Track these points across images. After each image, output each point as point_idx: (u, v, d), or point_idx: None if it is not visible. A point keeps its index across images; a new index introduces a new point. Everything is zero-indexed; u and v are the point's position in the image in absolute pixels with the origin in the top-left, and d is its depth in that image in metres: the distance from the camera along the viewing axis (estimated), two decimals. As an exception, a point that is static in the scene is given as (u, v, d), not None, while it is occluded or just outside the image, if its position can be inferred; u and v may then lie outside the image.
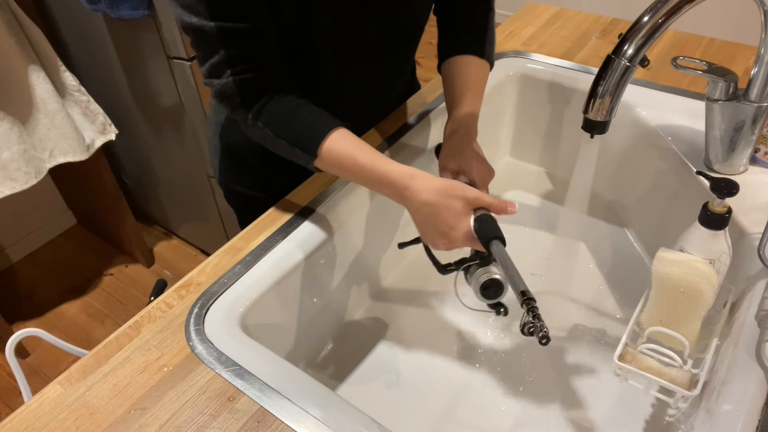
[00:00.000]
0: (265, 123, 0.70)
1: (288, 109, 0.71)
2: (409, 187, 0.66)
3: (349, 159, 0.68)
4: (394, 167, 0.67)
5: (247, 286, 0.71)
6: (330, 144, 0.69)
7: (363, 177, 0.69)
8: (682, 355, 0.64)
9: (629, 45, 0.64)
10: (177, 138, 1.66)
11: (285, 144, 0.71)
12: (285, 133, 0.70)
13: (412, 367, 0.83)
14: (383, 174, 0.67)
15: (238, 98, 0.69)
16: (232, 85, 0.68)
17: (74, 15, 1.57)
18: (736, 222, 0.73)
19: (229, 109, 0.72)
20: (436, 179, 0.66)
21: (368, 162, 0.68)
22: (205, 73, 0.70)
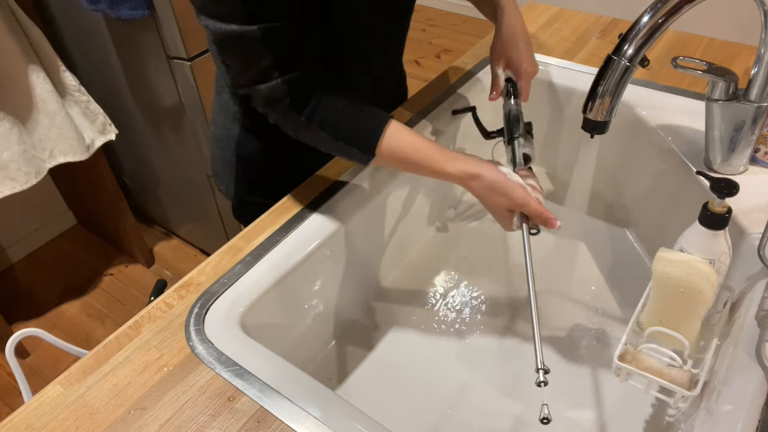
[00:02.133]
0: (320, 125, 0.70)
1: (339, 109, 0.70)
2: (467, 186, 0.71)
3: (407, 156, 0.71)
4: (450, 167, 0.70)
5: (247, 286, 0.71)
6: (387, 141, 0.70)
7: (422, 171, 0.72)
8: (682, 355, 0.64)
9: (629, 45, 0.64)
10: (177, 138, 1.66)
11: (342, 145, 0.71)
12: (342, 134, 0.70)
13: (412, 367, 0.83)
14: (441, 172, 0.71)
15: (287, 99, 0.68)
16: (282, 87, 0.67)
17: (74, 15, 1.57)
18: (736, 222, 0.73)
19: (277, 114, 0.71)
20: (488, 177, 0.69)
21: (426, 159, 0.70)
22: (248, 81, 0.68)
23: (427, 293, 0.93)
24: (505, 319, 0.88)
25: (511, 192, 0.68)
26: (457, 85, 1.02)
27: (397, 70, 1.01)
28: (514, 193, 0.68)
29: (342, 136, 0.70)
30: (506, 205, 0.70)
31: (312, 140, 0.72)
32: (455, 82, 1.04)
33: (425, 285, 0.94)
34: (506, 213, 0.71)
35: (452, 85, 1.03)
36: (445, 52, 3.03)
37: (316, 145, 0.73)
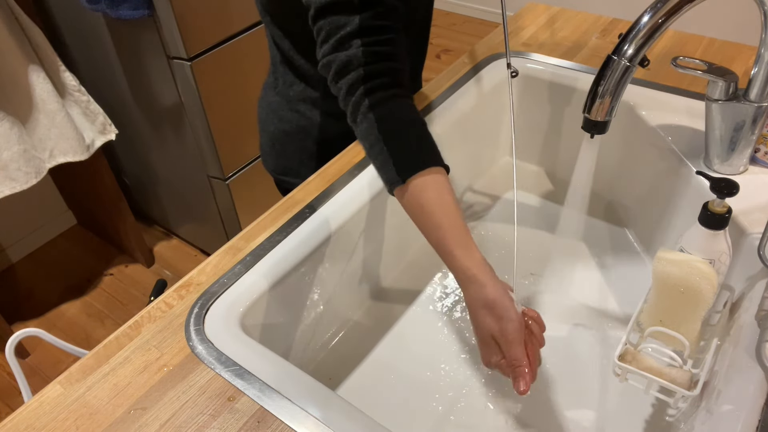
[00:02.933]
0: (378, 118, 0.65)
1: (407, 119, 0.66)
2: (464, 286, 0.62)
3: (430, 212, 0.63)
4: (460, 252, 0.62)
5: (247, 286, 0.71)
6: (423, 183, 0.63)
7: (433, 234, 0.64)
8: (682, 355, 0.64)
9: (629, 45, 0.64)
10: (177, 138, 1.66)
11: (384, 150, 0.64)
12: (390, 140, 0.64)
13: (412, 367, 0.83)
14: (448, 251, 0.62)
15: (361, 70, 0.65)
16: (360, 55, 0.64)
17: (74, 15, 1.57)
18: (736, 222, 0.73)
19: (345, 87, 0.66)
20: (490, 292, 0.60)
21: (445, 224, 0.62)
22: (329, 49, 0.66)
23: (427, 293, 0.93)
24: (505, 319, 0.88)
25: (506, 320, 0.59)
26: (457, 85, 1.02)
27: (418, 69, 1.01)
28: (509, 324, 0.59)
29: (391, 142, 0.64)
30: (493, 331, 0.60)
31: (361, 131, 0.67)
32: (455, 82, 1.04)
33: (425, 285, 0.94)
34: (490, 340, 0.61)
35: (452, 85, 1.03)
36: (445, 52, 3.03)
37: (361, 139, 0.68)
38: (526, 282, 0.94)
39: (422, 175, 0.63)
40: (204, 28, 1.42)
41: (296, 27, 0.85)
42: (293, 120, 0.95)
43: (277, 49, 0.91)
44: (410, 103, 0.68)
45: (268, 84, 0.99)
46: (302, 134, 0.96)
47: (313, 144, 0.96)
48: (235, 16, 1.49)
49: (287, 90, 0.94)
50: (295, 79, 0.92)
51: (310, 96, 0.92)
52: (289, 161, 0.99)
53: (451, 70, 1.07)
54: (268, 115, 0.98)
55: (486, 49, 1.12)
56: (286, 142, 0.98)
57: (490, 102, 1.06)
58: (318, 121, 0.94)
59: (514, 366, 0.59)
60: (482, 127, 1.07)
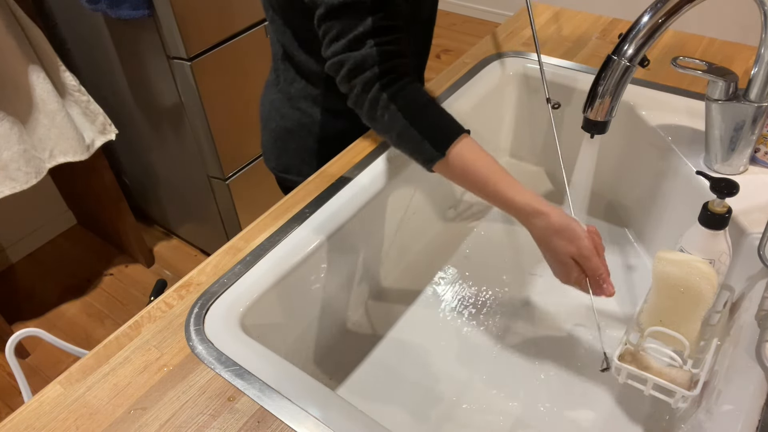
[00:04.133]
0: (400, 107, 0.68)
1: (424, 101, 0.69)
2: (528, 222, 0.67)
3: (475, 171, 0.67)
4: (517, 195, 0.66)
5: (247, 286, 0.71)
6: (461, 149, 0.67)
7: (484, 190, 0.68)
8: (682, 355, 0.64)
9: (629, 45, 0.64)
10: (177, 138, 1.66)
11: (414, 134, 0.68)
12: (418, 123, 0.68)
13: (412, 367, 0.83)
14: (505, 198, 0.67)
15: (376, 68, 0.67)
16: (375, 55, 0.67)
17: (74, 15, 1.57)
18: (736, 222, 0.73)
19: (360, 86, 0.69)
20: (556, 219, 0.65)
21: (494, 177, 0.67)
22: (341, 49, 0.68)
23: (427, 293, 0.93)
24: (505, 318, 0.88)
25: (579, 240, 0.64)
26: (457, 85, 1.02)
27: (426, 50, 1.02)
28: (582, 242, 0.64)
29: (418, 125, 0.68)
30: (570, 253, 0.65)
31: (386, 123, 0.70)
32: (455, 82, 1.04)
33: (425, 285, 0.94)
34: (568, 260, 0.66)
35: (452, 85, 1.03)
36: (445, 52, 3.03)
37: (387, 132, 0.71)
38: (525, 282, 0.94)
39: (456, 143, 0.68)
40: (204, 28, 1.42)
41: (297, 21, 0.85)
42: (294, 117, 0.95)
43: (280, 44, 0.91)
44: (419, 86, 0.71)
45: (269, 81, 0.99)
46: (303, 132, 0.96)
47: (315, 141, 0.96)
48: (236, 16, 1.49)
49: (288, 87, 0.94)
50: (296, 76, 0.92)
51: (311, 93, 0.93)
52: (290, 159, 1.00)
53: (451, 70, 1.07)
54: (269, 113, 0.99)
55: (486, 49, 1.12)
56: (287, 139, 0.98)
57: (490, 102, 1.06)
58: (319, 119, 0.94)
59: (597, 275, 0.65)
60: (482, 127, 1.07)
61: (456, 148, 0.67)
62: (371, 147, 0.90)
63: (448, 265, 0.98)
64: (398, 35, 0.69)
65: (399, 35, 0.69)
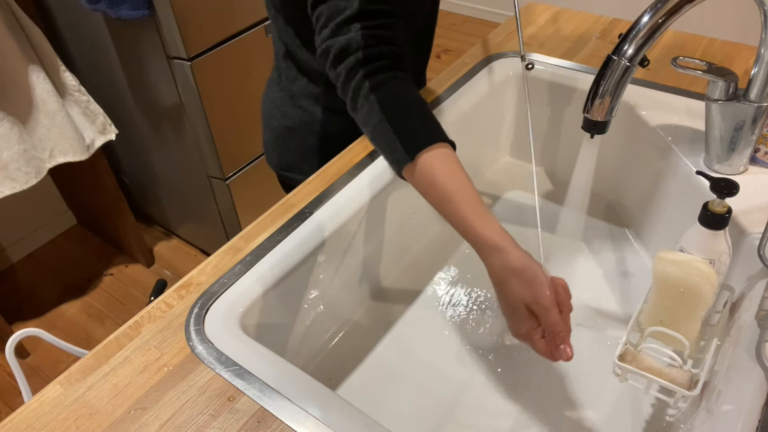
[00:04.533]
0: (379, 100, 0.64)
1: (407, 98, 0.65)
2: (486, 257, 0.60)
3: (440, 185, 0.61)
4: (479, 223, 0.60)
5: (247, 285, 0.71)
6: (431, 157, 0.61)
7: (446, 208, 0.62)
8: (682, 355, 0.64)
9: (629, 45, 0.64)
10: (177, 138, 1.66)
11: (388, 131, 0.63)
12: (394, 119, 0.63)
13: (412, 367, 0.83)
14: (466, 224, 0.61)
15: (360, 53, 0.64)
16: (359, 39, 0.64)
17: (74, 15, 1.57)
18: (736, 222, 0.73)
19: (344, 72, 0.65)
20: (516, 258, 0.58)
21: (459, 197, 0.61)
22: (328, 34, 0.65)
23: (427, 293, 0.93)
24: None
25: (537, 286, 0.57)
26: (457, 85, 1.02)
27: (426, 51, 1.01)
28: (541, 289, 0.57)
29: (395, 123, 0.63)
30: (525, 299, 0.58)
31: (363, 115, 0.66)
32: (455, 82, 1.04)
33: (425, 285, 0.94)
34: (521, 307, 0.58)
35: (452, 85, 1.03)
36: (445, 52, 3.03)
37: (364, 124, 0.67)
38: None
39: (430, 150, 0.62)
40: (204, 28, 1.42)
41: (299, 19, 0.85)
42: (296, 116, 0.95)
43: (282, 42, 0.91)
44: (410, 84, 0.67)
45: (271, 80, 0.99)
46: (305, 130, 0.96)
47: (316, 140, 0.96)
48: (236, 16, 1.49)
49: (290, 86, 0.94)
50: (297, 75, 0.92)
51: (312, 92, 0.93)
52: (292, 157, 1.00)
53: (451, 70, 1.07)
54: (271, 111, 0.99)
55: (486, 49, 1.12)
56: (289, 138, 0.98)
57: (490, 102, 1.06)
58: (320, 117, 0.94)
59: (556, 331, 0.57)
60: (482, 126, 1.07)
61: (427, 155, 0.61)
62: (372, 147, 0.90)
63: (448, 265, 0.98)
64: (388, 20, 0.65)
65: (389, 20, 0.66)
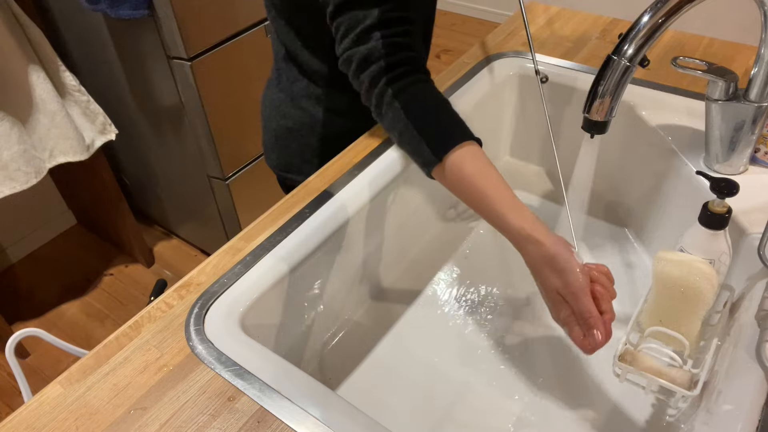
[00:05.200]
0: (402, 105, 0.66)
1: (433, 101, 0.67)
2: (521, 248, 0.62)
3: (472, 182, 0.63)
4: (512, 217, 0.61)
5: (247, 286, 0.71)
6: (459, 156, 0.63)
7: (480, 204, 0.64)
8: (682, 355, 0.64)
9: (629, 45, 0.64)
10: (177, 138, 1.66)
11: (414, 135, 0.65)
12: (419, 122, 0.65)
13: (412, 367, 0.83)
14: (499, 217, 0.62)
15: (383, 62, 0.65)
16: (381, 48, 0.65)
17: (74, 15, 1.57)
18: (736, 222, 0.73)
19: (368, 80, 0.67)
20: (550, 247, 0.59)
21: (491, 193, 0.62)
22: (350, 44, 0.67)
23: (427, 293, 0.93)
24: (506, 318, 0.88)
25: (567, 273, 0.58)
26: (457, 85, 1.02)
27: None
28: (571, 276, 0.57)
29: (420, 125, 0.65)
30: (556, 287, 0.59)
31: (389, 120, 0.68)
32: (455, 82, 1.04)
33: (425, 285, 0.94)
34: (555, 295, 0.60)
35: (452, 85, 1.03)
36: (445, 52, 3.03)
37: (390, 129, 0.69)
38: (525, 282, 0.94)
39: (456, 149, 0.64)
40: (204, 28, 1.42)
41: (301, 21, 0.85)
42: (296, 116, 0.95)
43: (282, 44, 0.91)
44: (432, 85, 0.68)
45: (271, 81, 0.99)
46: (305, 131, 0.96)
47: (316, 141, 0.96)
48: (236, 16, 1.49)
49: (290, 86, 0.94)
50: (298, 75, 0.92)
51: (313, 92, 0.93)
52: (291, 158, 1.00)
53: (451, 70, 1.07)
54: (271, 112, 0.99)
55: (486, 49, 1.12)
56: (288, 138, 0.98)
57: (490, 102, 1.06)
58: (321, 118, 0.94)
59: (586, 318, 0.57)
60: (482, 127, 1.07)
61: (455, 155, 0.63)
62: (372, 147, 0.90)
63: (448, 265, 0.98)
64: (407, 27, 0.67)
65: (408, 27, 0.67)
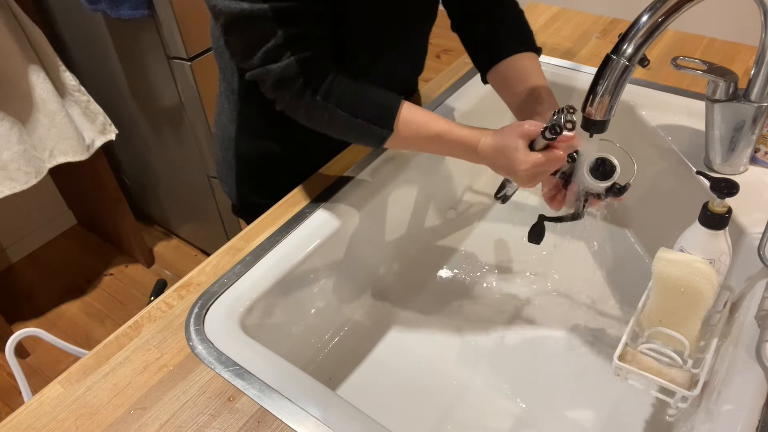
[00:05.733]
0: (336, 104, 0.69)
1: (355, 88, 0.70)
2: (478, 142, 0.70)
3: (424, 128, 0.71)
4: (465, 131, 0.71)
5: (247, 286, 0.71)
6: (404, 116, 0.70)
7: (436, 143, 0.71)
8: (682, 355, 0.64)
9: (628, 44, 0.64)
10: (177, 138, 1.66)
11: (360, 122, 0.70)
12: (360, 111, 0.70)
13: (412, 367, 0.83)
14: (452, 138, 0.71)
15: (301, 79, 0.67)
16: (295, 65, 0.66)
17: (74, 15, 1.57)
18: (736, 222, 0.73)
19: (290, 96, 0.69)
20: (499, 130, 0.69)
21: (441, 129, 0.71)
22: (258, 62, 0.67)
23: (427, 293, 0.93)
24: (506, 319, 0.88)
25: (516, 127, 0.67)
26: (457, 85, 1.03)
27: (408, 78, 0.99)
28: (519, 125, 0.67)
29: (361, 113, 0.70)
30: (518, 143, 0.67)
31: (327, 121, 0.70)
32: (455, 82, 1.04)
33: (425, 285, 0.94)
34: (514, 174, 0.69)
35: (452, 85, 1.03)
36: (445, 52, 3.03)
37: (330, 129, 0.72)
38: (525, 282, 0.94)
39: (399, 113, 0.70)
40: (204, 28, 1.42)
41: None
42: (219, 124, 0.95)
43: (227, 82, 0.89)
44: (346, 73, 0.71)
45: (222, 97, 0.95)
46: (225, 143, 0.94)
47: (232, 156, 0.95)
48: (235, 16, 1.49)
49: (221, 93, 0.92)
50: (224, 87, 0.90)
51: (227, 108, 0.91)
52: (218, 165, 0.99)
53: (451, 70, 1.07)
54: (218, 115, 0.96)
55: (486, 49, 1.12)
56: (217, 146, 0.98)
57: (490, 102, 1.06)
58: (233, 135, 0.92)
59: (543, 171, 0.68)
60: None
61: (400, 118, 0.70)
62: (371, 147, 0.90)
63: (448, 265, 0.98)
64: (313, 40, 0.68)
65: (314, 40, 0.68)
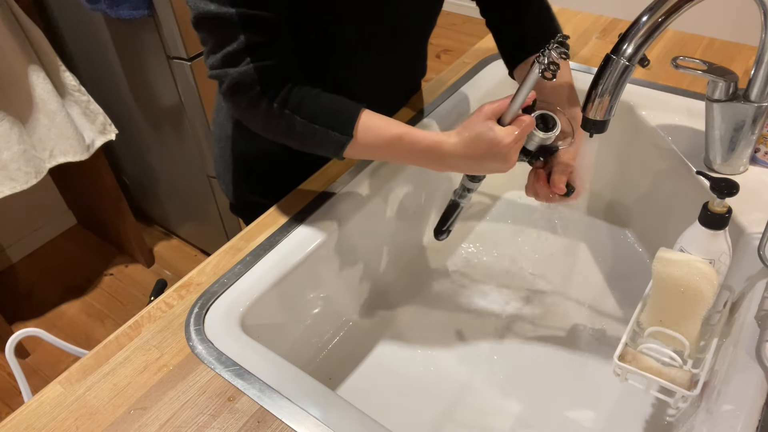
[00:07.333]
0: (293, 110, 0.68)
1: (314, 95, 0.69)
2: (443, 144, 0.68)
3: (385, 132, 0.69)
4: (428, 133, 0.69)
5: (247, 286, 0.71)
6: (364, 122, 0.69)
7: (399, 149, 0.70)
8: (682, 355, 0.64)
9: (628, 44, 0.64)
10: (177, 138, 1.66)
11: (318, 129, 0.69)
12: (318, 117, 0.69)
13: (412, 367, 0.83)
14: (415, 143, 0.69)
15: (258, 86, 0.67)
16: (252, 73, 0.66)
17: (74, 15, 1.57)
18: (736, 222, 0.73)
19: (244, 102, 0.69)
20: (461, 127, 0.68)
21: (402, 131, 0.69)
22: (218, 63, 0.67)
23: (426, 293, 0.93)
24: (506, 318, 0.88)
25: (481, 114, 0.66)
26: (457, 86, 1.02)
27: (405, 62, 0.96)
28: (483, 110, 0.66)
29: (319, 119, 0.68)
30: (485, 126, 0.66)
31: (283, 129, 0.70)
32: (455, 82, 1.04)
33: (425, 285, 0.94)
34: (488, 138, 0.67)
35: (452, 85, 1.03)
36: (445, 52, 3.03)
37: (287, 137, 0.71)
38: (526, 282, 0.94)
39: (359, 120, 0.69)
40: (204, 28, 1.42)
41: None
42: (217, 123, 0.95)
43: None
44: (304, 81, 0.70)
45: None
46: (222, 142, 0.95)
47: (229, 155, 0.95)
48: (235, 16, 1.49)
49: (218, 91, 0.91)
50: None
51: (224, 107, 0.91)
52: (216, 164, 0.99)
53: (451, 70, 1.07)
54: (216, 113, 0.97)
55: (486, 49, 1.12)
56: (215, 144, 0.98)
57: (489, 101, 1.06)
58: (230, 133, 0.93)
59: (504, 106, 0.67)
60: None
61: (359, 125, 0.68)
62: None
63: (447, 266, 0.98)
64: (277, 49, 0.68)
65: (278, 49, 0.68)
